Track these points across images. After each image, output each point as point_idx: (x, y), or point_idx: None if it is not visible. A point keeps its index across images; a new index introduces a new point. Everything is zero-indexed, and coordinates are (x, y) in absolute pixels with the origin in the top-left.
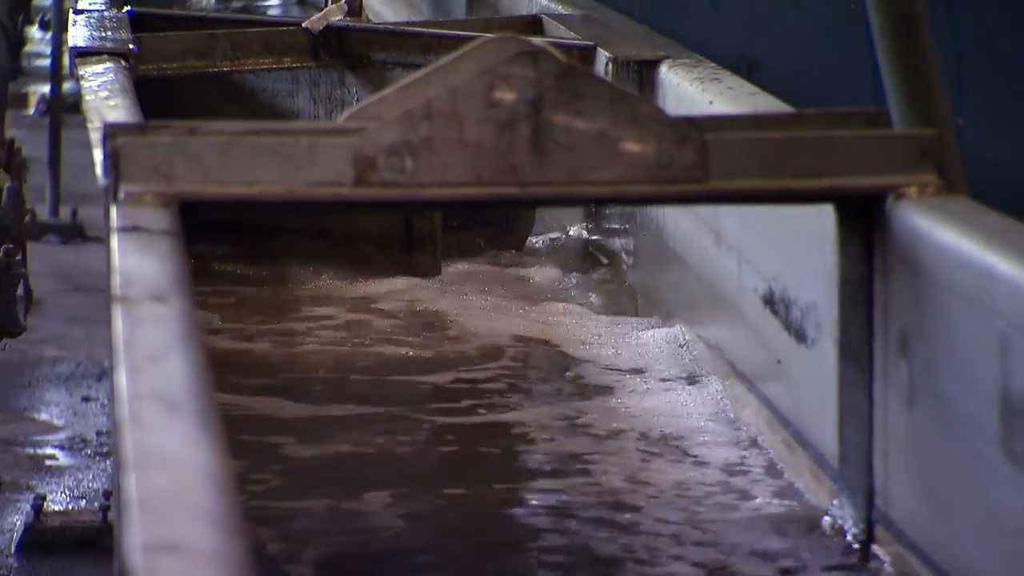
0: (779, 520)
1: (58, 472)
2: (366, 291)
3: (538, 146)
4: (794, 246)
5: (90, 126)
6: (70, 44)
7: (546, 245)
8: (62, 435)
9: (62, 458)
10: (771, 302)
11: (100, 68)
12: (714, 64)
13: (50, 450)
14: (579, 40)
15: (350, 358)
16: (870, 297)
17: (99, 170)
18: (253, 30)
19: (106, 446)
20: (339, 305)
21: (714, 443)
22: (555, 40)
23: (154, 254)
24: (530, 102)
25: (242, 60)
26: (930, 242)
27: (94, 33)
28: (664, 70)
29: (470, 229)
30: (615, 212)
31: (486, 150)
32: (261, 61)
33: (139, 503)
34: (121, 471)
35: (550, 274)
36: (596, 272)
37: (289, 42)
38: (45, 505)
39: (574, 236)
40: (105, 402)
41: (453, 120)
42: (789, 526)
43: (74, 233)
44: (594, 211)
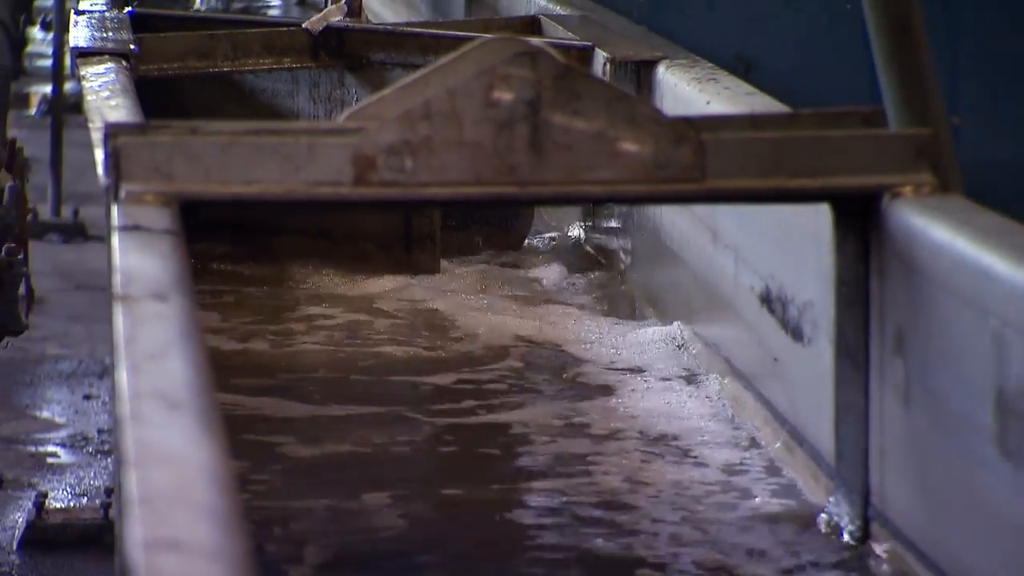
0: (776, 517)
1: (60, 469)
2: (365, 290)
3: (536, 146)
4: (790, 245)
5: (91, 126)
6: (72, 44)
7: (544, 244)
8: (64, 433)
9: (64, 455)
10: (768, 301)
11: (101, 68)
12: (711, 64)
13: (52, 448)
14: (577, 41)
15: (349, 357)
16: (866, 296)
17: (100, 169)
18: (253, 31)
19: (107, 444)
20: (339, 303)
21: (712, 442)
22: (553, 41)
23: (155, 253)
24: (528, 102)
25: (242, 60)
26: (925, 241)
27: (95, 34)
28: (661, 70)
29: (469, 228)
30: (613, 211)
31: (485, 150)
32: (261, 61)
33: (140, 500)
34: (122, 468)
35: (548, 273)
36: (594, 271)
37: (289, 43)
38: (47, 502)
39: (572, 235)
40: (106, 400)
41: (452, 120)
42: (786, 523)
43: (75, 232)
44: (592, 210)
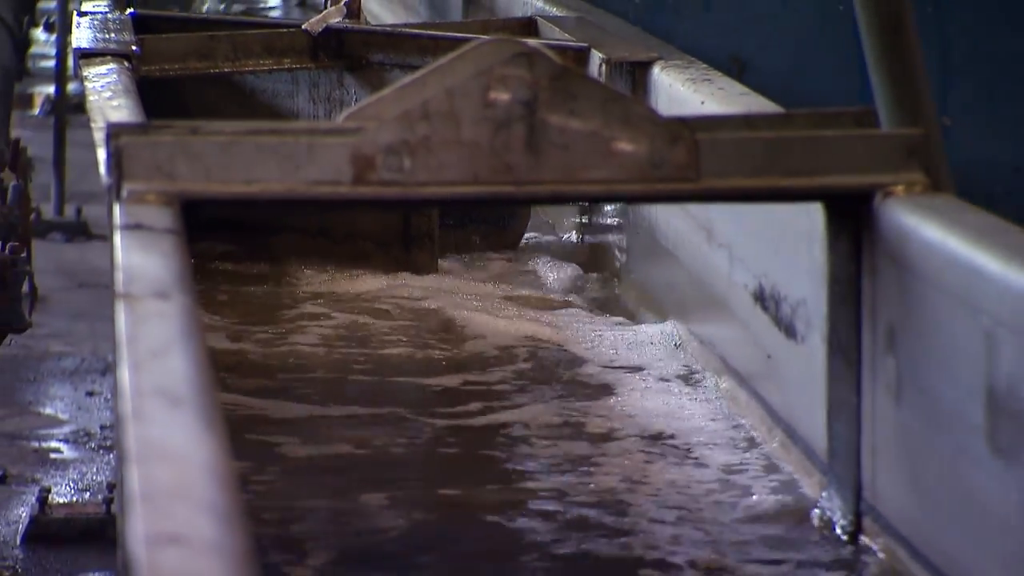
0: (769, 512)
1: (63, 465)
2: (364, 288)
3: (533, 146)
4: (784, 244)
5: (94, 126)
6: (74, 46)
7: (541, 243)
8: (67, 429)
9: (67, 451)
10: (762, 299)
11: (104, 69)
12: (706, 65)
13: (55, 444)
14: (573, 42)
15: (349, 357)
16: (858, 294)
17: (103, 169)
18: (254, 32)
19: (109, 440)
20: (338, 303)
21: (709, 439)
22: (550, 42)
23: (156, 251)
24: (525, 102)
25: (243, 61)
26: (917, 240)
27: (98, 35)
28: (656, 71)
29: (467, 227)
30: (609, 211)
31: (482, 149)
32: (261, 62)
33: (142, 496)
34: (124, 464)
35: (545, 272)
36: (590, 270)
37: (289, 44)
38: (50, 497)
39: (568, 234)
40: (108, 397)
41: (450, 120)
42: (779, 518)
43: (78, 231)
44: (588, 210)
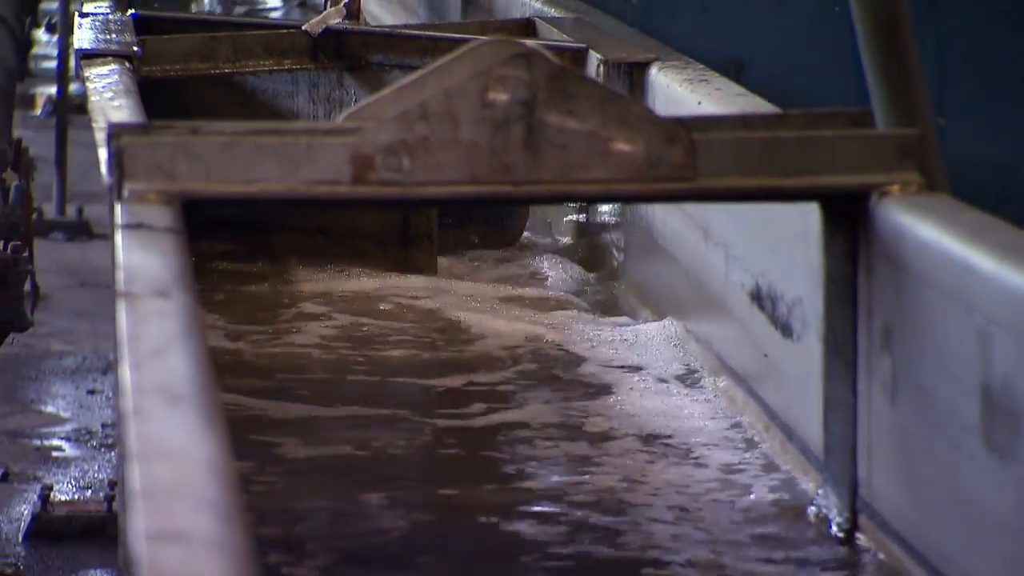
0: (766, 509)
1: (64, 463)
2: (363, 287)
3: (531, 146)
4: (780, 243)
5: (95, 126)
6: (76, 46)
7: (539, 242)
8: (68, 427)
9: (68, 449)
10: (758, 298)
11: (105, 70)
12: (702, 66)
13: (57, 441)
14: (571, 42)
15: (348, 356)
16: (854, 292)
17: (104, 169)
18: (254, 33)
19: (111, 438)
20: (337, 302)
21: (706, 436)
22: (548, 42)
23: (157, 251)
24: (523, 103)
25: (243, 62)
26: (912, 239)
27: (99, 36)
28: (654, 72)
29: (465, 226)
30: (606, 210)
31: (481, 149)
32: (262, 63)
33: (143, 493)
34: (125, 462)
35: (542, 271)
36: (587, 270)
37: (289, 44)
38: (52, 495)
39: (566, 234)
40: (110, 395)
41: (448, 120)
42: (776, 516)
43: (80, 230)
44: (586, 209)
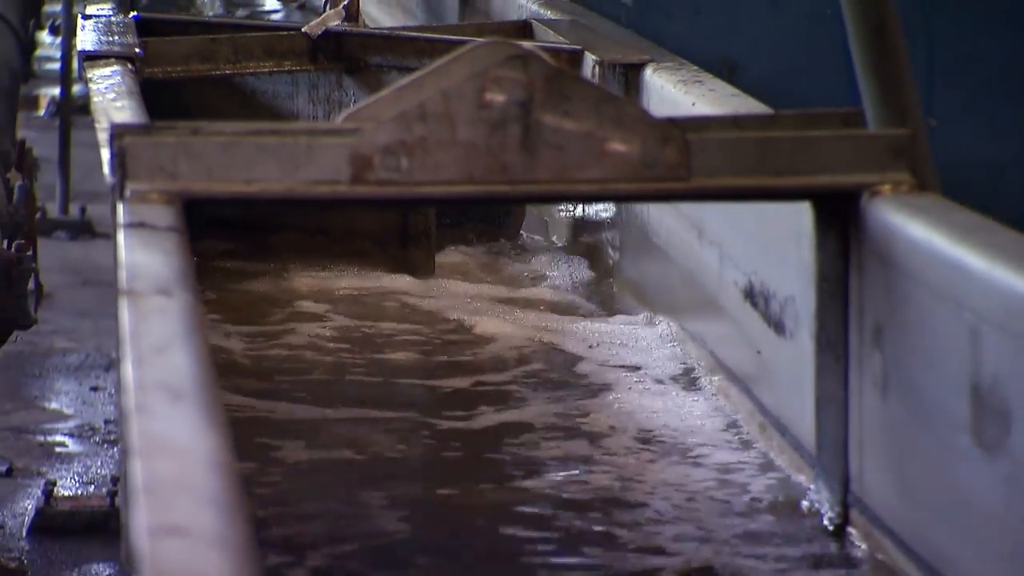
0: (759, 503)
1: (68, 459)
2: (362, 286)
3: (528, 146)
4: (773, 242)
5: (98, 127)
6: (79, 48)
7: (535, 242)
8: (71, 423)
9: (71, 445)
10: (751, 296)
11: (108, 71)
12: (696, 67)
13: (60, 438)
14: (567, 44)
15: (347, 356)
16: (846, 291)
17: (107, 169)
18: (254, 34)
19: (113, 434)
20: (336, 301)
21: (703, 435)
22: (544, 44)
23: (159, 249)
24: (520, 104)
25: (244, 63)
26: (903, 238)
27: (102, 37)
28: (649, 73)
29: (463, 225)
30: (602, 209)
31: (478, 150)
32: (262, 64)
33: (145, 489)
34: (128, 458)
35: (539, 270)
36: (583, 268)
37: (289, 46)
38: (55, 490)
39: (562, 233)
40: (112, 392)
41: (446, 121)
42: (768, 510)
43: (83, 229)
44: (581, 209)
